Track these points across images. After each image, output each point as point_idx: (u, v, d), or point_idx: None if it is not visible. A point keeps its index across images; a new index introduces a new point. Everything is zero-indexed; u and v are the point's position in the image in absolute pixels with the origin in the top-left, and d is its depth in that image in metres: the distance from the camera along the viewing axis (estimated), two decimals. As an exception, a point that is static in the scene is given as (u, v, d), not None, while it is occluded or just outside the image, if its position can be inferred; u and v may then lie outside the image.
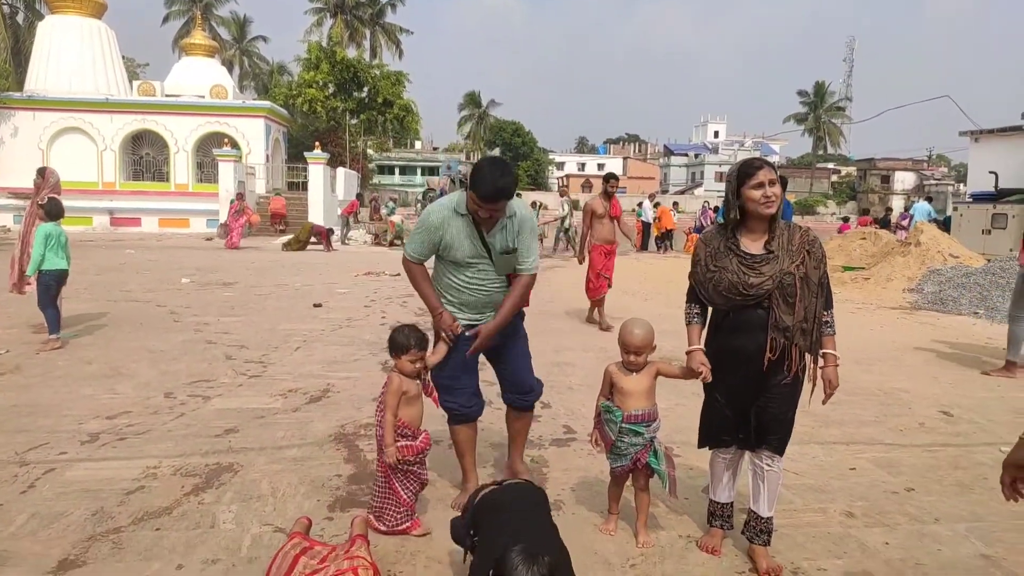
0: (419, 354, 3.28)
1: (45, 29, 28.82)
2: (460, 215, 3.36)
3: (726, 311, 3.01)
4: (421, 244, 3.48)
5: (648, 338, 3.20)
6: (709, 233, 3.16)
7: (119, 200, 27.40)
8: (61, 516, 3.42)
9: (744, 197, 2.95)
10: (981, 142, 21.73)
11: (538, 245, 3.58)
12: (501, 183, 3.17)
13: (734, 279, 2.92)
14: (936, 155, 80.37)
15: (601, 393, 3.34)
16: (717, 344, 3.06)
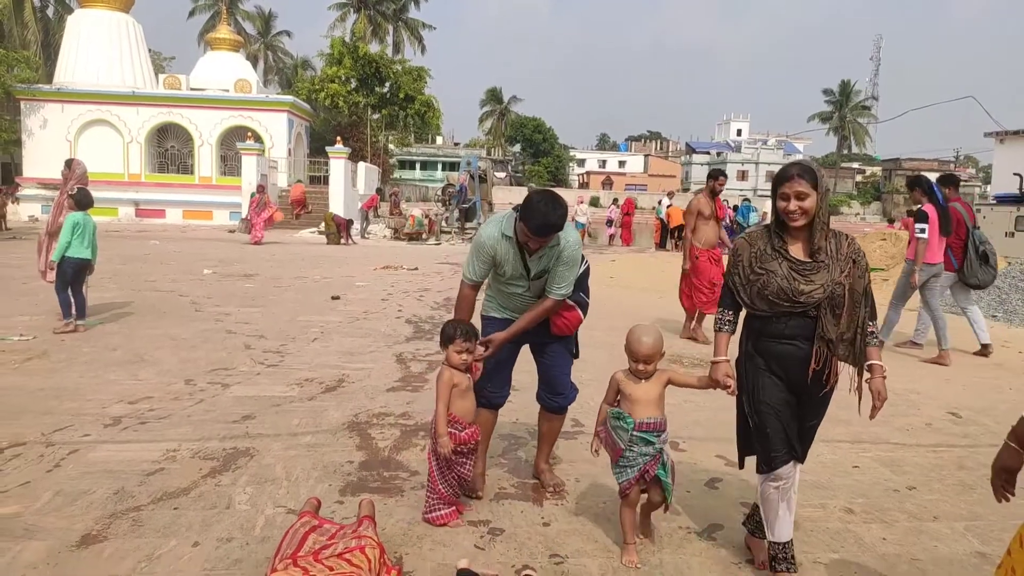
0: (465, 344, 3.35)
1: (74, 23, 29.34)
2: (507, 237, 3.45)
3: (768, 316, 2.86)
4: (478, 266, 3.53)
5: (657, 346, 3.07)
6: (753, 233, 3.03)
7: (144, 192, 27.87)
8: (84, 494, 3.57)
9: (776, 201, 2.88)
10: (1006, 143, 21.45)
11: (574, 277, 3.56)
12: (553, 218, 3.23)
13: (784, 284, 2.79)
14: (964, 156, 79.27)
15: (606, 400, 3.21)
16: (758, 347, 2.92)
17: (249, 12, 54.79)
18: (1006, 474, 2.07)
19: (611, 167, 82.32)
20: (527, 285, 3.56)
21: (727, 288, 3.01)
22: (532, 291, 3.58)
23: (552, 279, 3.50)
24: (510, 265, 3.49)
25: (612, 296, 11.51)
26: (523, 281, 3.54)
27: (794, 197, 2.80)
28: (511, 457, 4.31)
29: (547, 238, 3.32)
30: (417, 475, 3.94)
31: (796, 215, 2.80)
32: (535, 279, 3.52)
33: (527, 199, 3.32)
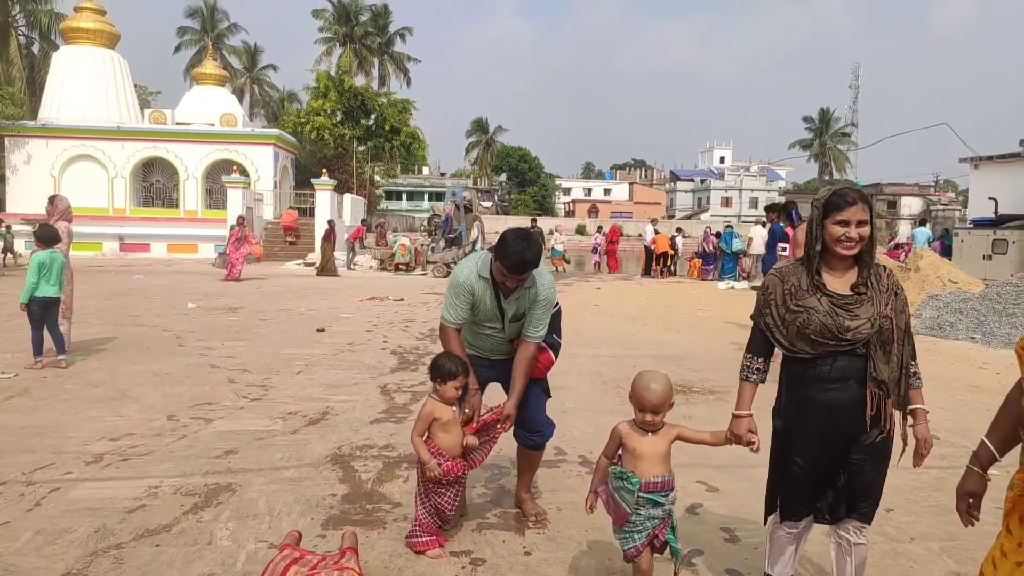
0: (464, 380, 3.41)
1: (60, 59, 29.49)
2: (482, 278, 3.48)
3: (811, 358, 2.61)
4: (459, 308, 3.52)
5: (667, 395, 2.79)
6: (786, 268, 2.78)
7: (129, 226, 27.81)
8: (65, 533, 3.56)
9: (826, 230, 2.63)
10: (981, 168, 21.91)
11: (549, 318, 3.61)
12: (528, 255, 3.28)
13: (827, 321, 2.56)
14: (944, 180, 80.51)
15: (605, 454, 2.93)
16: (799, 397, 2.66)
17: (235, 47, 55.23)
18: (971, 498, 2.12)
19: (596, 195, 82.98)
20: (501, 327, 3.59)
21: (757, 331, 2.77)
22: (506, 333, 3.62)
23: (529, 322, 3.53)
24: (485, 307, 3.52)
25: (597, 324, 11.58)
26: (497, 323, 3.58)
27: (855, 225, 2.58)
28: (493, 487, 4.33)
29: (524, 276, 3.35)
30: (400, 507, 3.95)
31: (854, 244, 2.59)
32: (511, 321, 3.56)
33: (502, 239, 3.35)
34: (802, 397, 2.65)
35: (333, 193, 27.31)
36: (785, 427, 2.72)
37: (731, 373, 7.73)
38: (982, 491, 2.12)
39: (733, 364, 8.36)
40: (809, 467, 2.67)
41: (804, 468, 2.67)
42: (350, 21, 51.51)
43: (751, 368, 2.78)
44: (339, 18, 51.59)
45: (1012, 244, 17.53)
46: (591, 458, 4.88)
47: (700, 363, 8.30)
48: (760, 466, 4.96)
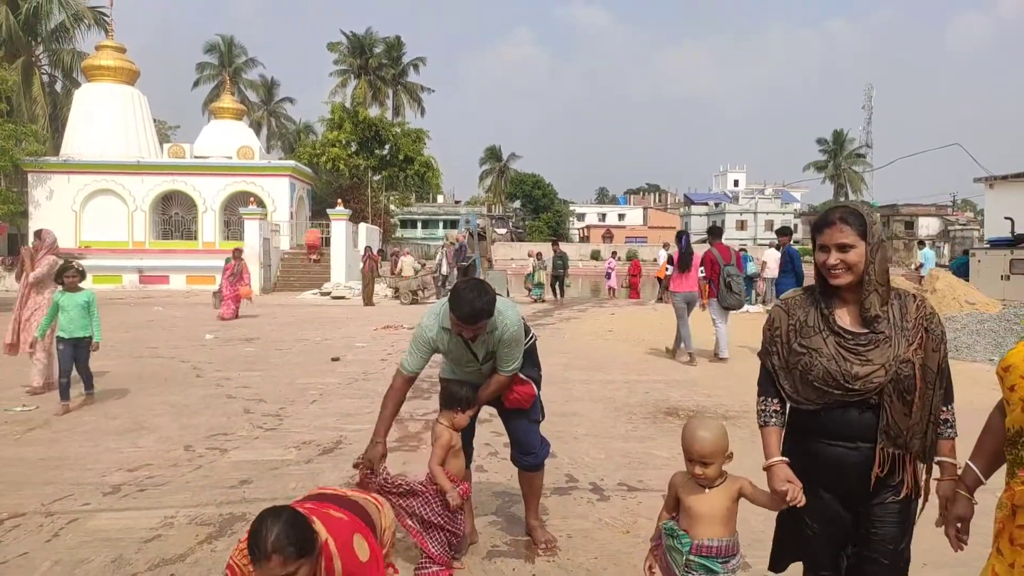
0: (475, 409, 3.60)
1: (81, 96, 30.16)
2: (445, 329, 3.50)
3: (815, 409, 2.26)
4: (418, 358, 3.54)
5: (720, 444, 2.44)
6: (792, 299, 2.41)
7: (148, 259, 28.19)
8: (82, 563, 3.62)
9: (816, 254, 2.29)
10: (996, 188, 21.79)
11: (520, 352, 3.63)
12: (479, 304, 3.26)
13: (831, 367, 2.20)
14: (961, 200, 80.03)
15: (665, 507, 2.62)
16: (802, 450, 2.34)
17: (252, 80, 56.29)
18: (960, 522, 2.13)
19: (611, 220, 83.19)
20: (478, 367, 3.64)
21: (764, 372, 2.42)
22: (484, 370, 3.66)
23: (499, 360, 3.57)
24: (456, 352, 3.57)
25: (610, 349, 11.58)
26: (473, 364, 3.62)
27: (835, 249, 2.23)
28: (504, 514, 4.35)
29: (477, 325, 3.32)
30: (405, 539, 3.98)
31: (838, 271, 2.23)
32: (485, 362, 3.61)
33: (454, 290, 3.36)
34: (807, 452, 2.32)
35: (348, 223, 27.60)
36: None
37: (745, 397, 7.74)
38: (970, 515, 2.14)
39: (747, 387, 8.35)
40: (823, 529, 2.32)
41: (819, 530, 2.33)
42: (364, 53, 52.39)
43: (767, 412, 2.40)
44: (354, 51, 52.50)
45: (1030, 264, 17.37)
46: (602, 485, 4.89)
47: (713, 388, 8.28)
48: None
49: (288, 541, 2.11)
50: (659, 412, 7.05)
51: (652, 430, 6.37)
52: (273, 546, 2.09)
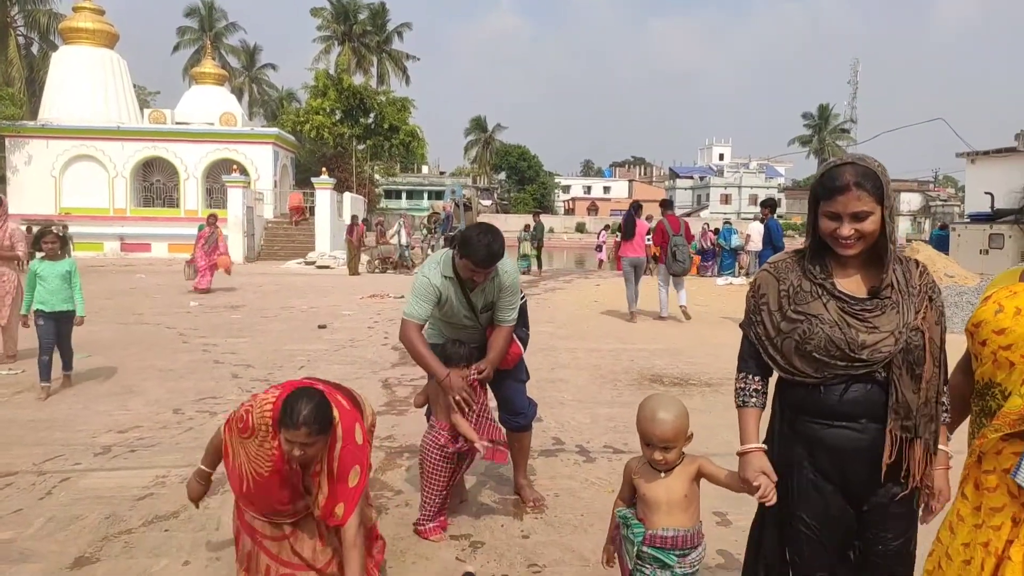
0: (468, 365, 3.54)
1: (59, 59, 29.56)
2: (447, 278, 3.55)
3: (814, 383, 2.00)
4: (424, 306, 3.52)
5: (681, 426, 2.23)
6: (783, 262, 2.15)
7: (129, 226, 27.88)
8: (76, 519, 3.67)
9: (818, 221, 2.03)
10: (977, 163, 22.02)
11: (517, 302, 3.71)
12: (495, 247, 3.36)
13: (835, 334, 1.95)
14: (943, 176, 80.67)
15: (620, 496, 2.46)
16: (796, 433, 2.07)
17: (234, 46, 55.27)
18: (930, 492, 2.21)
19: (596, 193, 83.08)
20: (475, 319, 3.68)
21: (748, 344, 2.17)
22: (480, 323, 3.71)
23: (499, 308, 3.63)
24: (455, 303, 3.60)
25: (595, 319, 11.69)
26: (470, 317, 3.66)
27: (848, 219, 1.96)
28: (492, 475, 4.43)
29: (491, 268, 3.43)
30: (401, 494, 4.07)
31: (851, 242, 1.97)
32: (483, 311, 3.66)
33: (465, 237, 3.40)
34: (802, 434, 2.05)
35: (333, 192, 27.40)
36: (780, 472, 2.07)
37: (727, 365, 7.87)
38: None
39: (730, 355, 8.48)
40: (823, 528, 2.03)
41: (815, 527, 2.04)
42: (348, 19, 51.54)
43: (747, 391, 2.14)
44: (337, 16, 51.62)
45: (1008, 239, 17.63)
46: (588, 447, 5.00)
47: (697, 356, 8.41)
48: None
49: (315, 419, 2.45)
50: (643, 379, 7.16)
51: (637, 396, 6.44)
52: (304, 419, 2.43)
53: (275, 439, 2.55)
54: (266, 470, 2.59)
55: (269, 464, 2.58)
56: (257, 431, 2.58)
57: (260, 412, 2.57)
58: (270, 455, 2.57)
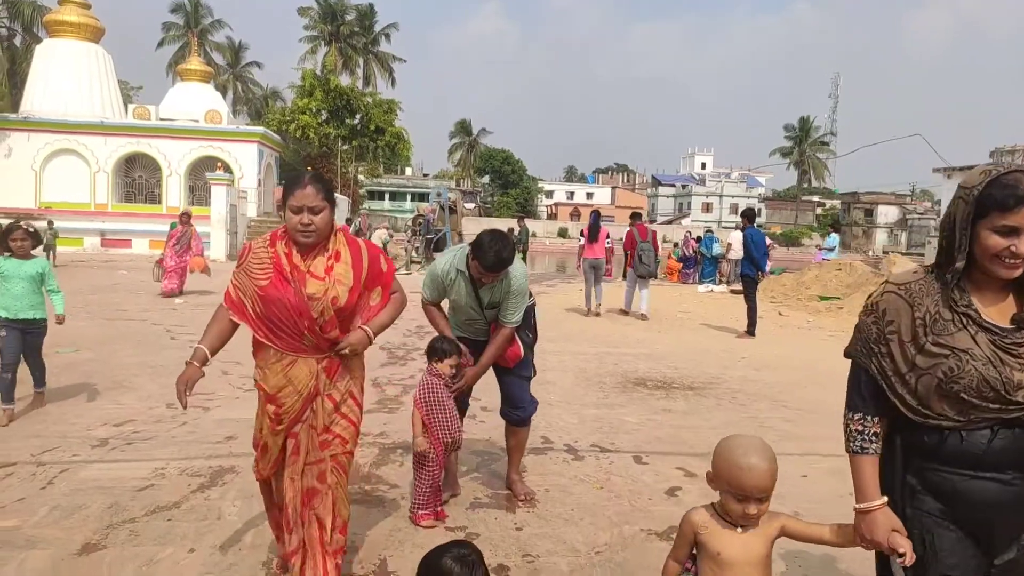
0: (457, 359, 3.76)
1: (42, 52, 29.24)
2: (459, 272, 3.78)
3: (953, 427, 1.75)
4: (433, 290, 3.91)
5: (776, 471, 1.97)
6: (914, 284, 1.84)
7: (111, 221, 27.63)
8: (79, 508, 3.75)
9: (977, 237, 1.74)
10: (953, 178, 22.53)
11: (524, 306, 3.90)
12: (504, 254, 3.59)
13: (989, 373, 1.69)
14: (920, 190, 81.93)
15: (674, 557, 2.14)
16: (928, 484, 1.82)
17: (219, 43, 54.95)
18: None
19: (579, 199, 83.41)
20: (480, 313, 3.88)
21: (866, 379, 1.88)
22: (485, 317, 3.90)
23: (504, 309, 3.81)
24: (463, 297, 3.83)
25: (580, 323, 11.85)
26: (476, 311, 3.87)
27: None
28: (485, 471, 4.57)
29: (500, 273, 3.65)
30: (396, 488, 4.19)
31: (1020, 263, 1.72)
32: (488, 308, 3.85)
33: (478, 240, 3.65)
34: (934, 486, 1.79)
35: (318, 192, 27.38)
36: (909, 530, 1.82)
37: (710, 369, 8.07)
38: None
39: (712, 361, 8.69)
40: None
41: None
42: (336, 20, 51.52)
43: (866, 435, 1.87)
44: (325, 16, 51.57)
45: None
46: (576, 446, 5.15)
47: (680, 361, 8.59)
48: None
49: (320, 181, 2.70)
50: (628, 382, 7.33)
51: (622, 398, 6.65)
52: (310, 179, 2.66)
53: (272, 246, 2.72)
54: (265, 278, 2.70)
55: (268, 269, 2.70)
56: (255, 248, 2.76)
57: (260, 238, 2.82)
58: (267, 262, 2.71)
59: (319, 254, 2.74)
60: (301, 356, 2.75)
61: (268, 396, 2.81)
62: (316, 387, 2.76)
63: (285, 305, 2.67)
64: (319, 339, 2.72)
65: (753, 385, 7.40)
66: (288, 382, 2.75)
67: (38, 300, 5.53)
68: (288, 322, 2.69)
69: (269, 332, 2.74)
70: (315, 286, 2.68)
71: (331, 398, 2.80)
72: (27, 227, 5.65)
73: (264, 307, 2.71)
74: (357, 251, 2.81)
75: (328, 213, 2.69)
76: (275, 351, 2.75)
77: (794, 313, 13.96)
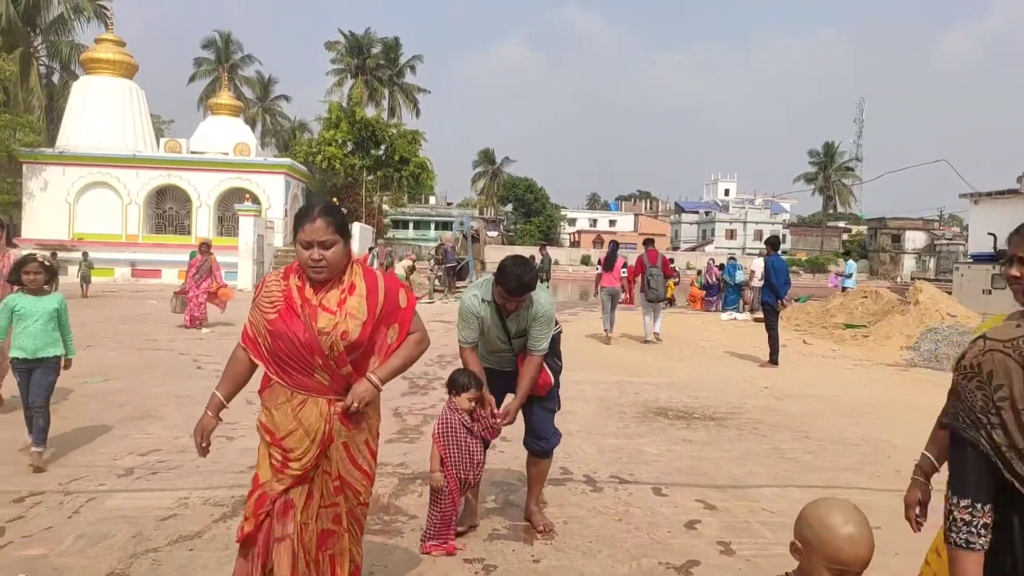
0: (477, 394, 3.78)
1: (79, 88, 30.19)
2: (486, 302, 3.85)
3: None
4: (469, 329, 3.89)
5: (873, 543, 1.76)
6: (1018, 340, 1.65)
7: (141, 252, 28.24)
8: (104, 538, 3.83)
9: None
10: (980, 204, 22.29)
11: (550, 333, 3.95)
12: (526, 279, 3.66)
13: None
14: (949, 215, 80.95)
15: None
16: None
17: (248, 77, 56.27)
18: (918, 506, 2.37)
19: (602, 226, 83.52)
20: (508, 343, 3.93)
21: (972, 457, 1.65)
22: (513, 347, 3.96)
23: (531, 337, 3.87)
24: (491, 326, 3.88)
25: (601, 352, 11.84)
26: (504, 341, 3.93)
27: None
28: (503, 502, 4.59)
29: (522, 298, 3.72)
30: (415, 519, 4.21)
31: None
32: (516, 337, 3.91)
33: (501, 266, 3.72)
34: None
35: (342, 222, 27.75)
36: None
37: (731, 398, 8.02)
38: (927, 499, 2.37)
39: (733, 390, 8.63)
40: None
41: None
42: (362, 53, 52.56)
43: (975, 526, 1.63)
44: (351, 50, 52.65)
45: (1011, 279, 17.75)
46: (595, 477, 5.14)
47: (702, 390, 8.55)
48: (757, 487, 5.25)
49: (331, 213, 2.59)
50: (648, 412, 7.30)
51: (642, 428, 6.63)
52: (320, 212, 2.56)
53: (285, 279, 2.64)
54: (274, 311, 2.60)
55: (278, 303, 2.60)
56: (268, 282, 2.69)
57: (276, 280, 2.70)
58: (278, 296, 2.62)
59: (333, 287, 2.64)
60: (312, 396, 2.62)
61: (274, 439, 2.64)
62: (329, 432, 2.62)
63: (293, 340, 2.56)
64: (333, 376, 2.62)
65: (775, 415, 7.33)
66: (299, 425, 2.60)
67: (55, 337, 5.18)
68: (297, 358, 2.58)
69: (279, 369, 2.63)
70: (326, 320, 2.58)
71: (346, 447, 2.68)
72: (43, 260, 5.32)
73: (272, 342, 2.61)
74: (373, 284, 2.69)
75: (340, 247, 2.60)
76: (284, 391, 2.63)
77: (819, 342, 13.83)
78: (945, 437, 2.32)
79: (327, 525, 2.68)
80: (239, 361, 2.76)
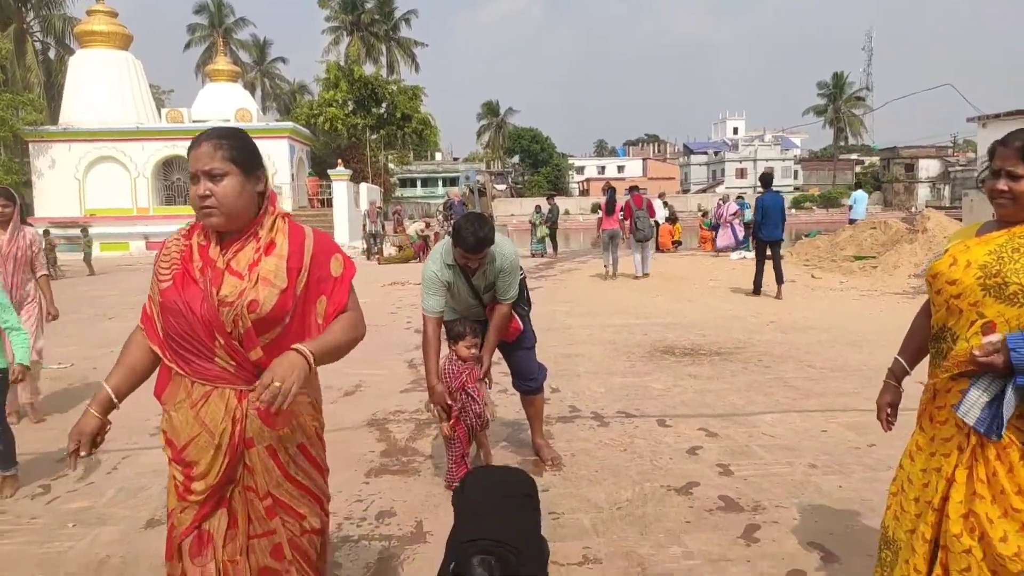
0: (474, 340, 3.90)
1: (76, 63, 30.13)
2: (449, 266, 3.88)
3: None
4: (436, 298, 3.84)
5: None
6: None
7: (153, 225, 28.51)
8: (142, 490, 4.10)
9: None
10: (989, 127, 21.94)
11: (517, 281, 4.04)
12: (482, 234, 3.65)
13: None
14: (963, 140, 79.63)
15: None
16: None
17: (244, 41, 55.70)
18: (890, 407, 2.56)
19: (610, 173, 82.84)
20: (478, 299, 4.03)
21: None
22: (484, 301, 4.06)
23: (499, 290, 3.96)
24: (460, 288, 3.96)
25: (609, 295, 12.01)
26: (474, 298, 4.02)
27: None
28: (513, 440, 4.82)
29: (482, 253, 3.73)
30: (432, 458, 4.46)
31: None
32: (485, 292, 4.01)
33: (455, 226, 3.75)
34: None
35: (349, 183, 27.85)
36: None
37: (738, 335, 8.20)
38: (898, 401, 2.55)
39: (740, 326, 8.79)
40: None
41: None
42: (356, 9, 51.78)
43: None
44: (345, 6, 51.86)
45: (1020, 202, 17.58)
46: (602, 413, 5.36)
47: (708, 328, 8.72)
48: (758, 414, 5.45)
49: (225, 136, 1.98)
50: (655, 351, 7.49)
51: (649, 366, 6.83)
52: (208, 134, 1.96)
53: (187, 238, 2.06)
54: (168, 279, 2.00)
55: (176, 266, 2.01)
56: (167, 243, 2.10)
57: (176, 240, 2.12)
58: (176, 258, 2.03)
59: (247, 244, 2.00)
60: (218, 388, 1.97)
61: (175, 452, 2.05)
62: (241, 434, 1.97)
63: (185, 313, 1.94)
64: (240, 360, 1.96)
65: (780, 347, 7.51)
66: (202, 428, 1.98)
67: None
68: (192, 338, 1.95)
69: (174, 353, 2.01)
70: (231, 286, 1.94)
71: (272, 453, 2.01)
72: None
73: (163, 319, 2.01)
74: (299, 243, 2.03)
75: (236, 181, 1.95)
76: (184, 383, 2.01)
77: (827, 275, 13.91)
78: (916, 344, 2.50)
79: (265, 561, 2.03)
80: (136, 344, 2.13)
